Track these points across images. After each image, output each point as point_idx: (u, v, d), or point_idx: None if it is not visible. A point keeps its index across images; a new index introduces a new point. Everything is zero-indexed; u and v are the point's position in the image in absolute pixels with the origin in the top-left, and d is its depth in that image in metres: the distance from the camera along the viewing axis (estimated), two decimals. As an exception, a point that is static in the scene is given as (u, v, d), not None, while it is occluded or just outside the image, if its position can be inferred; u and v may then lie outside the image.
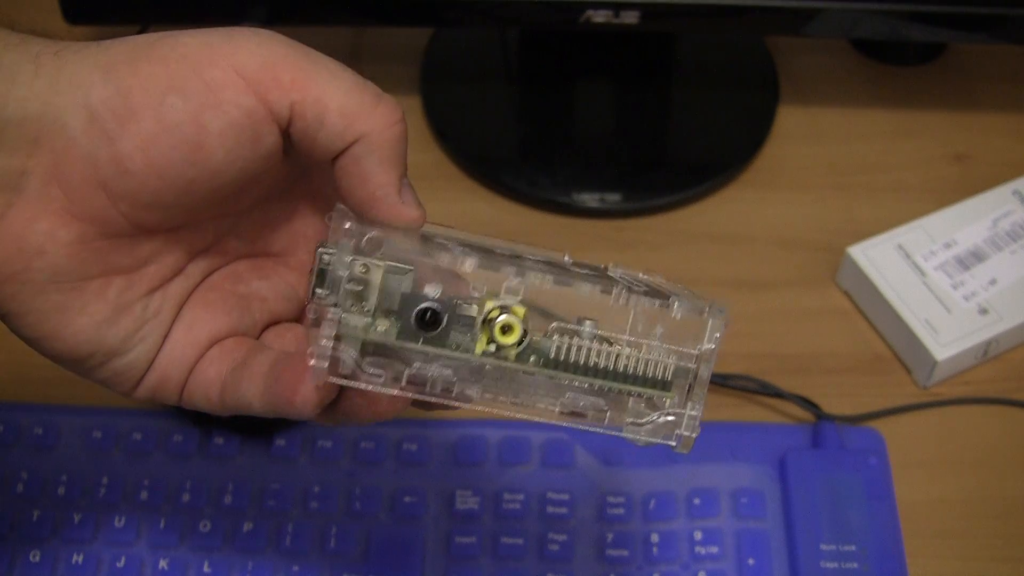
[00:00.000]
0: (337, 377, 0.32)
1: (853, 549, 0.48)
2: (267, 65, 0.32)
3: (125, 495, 0.49)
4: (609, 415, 0.33)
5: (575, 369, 0.33)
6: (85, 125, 0.32)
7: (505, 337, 0.32)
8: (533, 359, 0.33)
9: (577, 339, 0.33)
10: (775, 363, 0.56)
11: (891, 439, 0.52)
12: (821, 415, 0.53)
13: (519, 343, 0.33)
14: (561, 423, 0.33)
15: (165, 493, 0.49)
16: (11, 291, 0.33)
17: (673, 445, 0.33)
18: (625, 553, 0.48)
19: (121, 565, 0.47)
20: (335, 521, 0.49)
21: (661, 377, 0.33)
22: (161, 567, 0.48)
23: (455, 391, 0.33)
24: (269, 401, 0.34)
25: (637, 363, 0.33)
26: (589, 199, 0.63)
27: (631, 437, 0.34)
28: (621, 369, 0.33)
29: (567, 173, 0.64)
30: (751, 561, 0.48)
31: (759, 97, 0.68)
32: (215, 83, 0.32)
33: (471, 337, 0.33)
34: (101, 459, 0.50)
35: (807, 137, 0.66)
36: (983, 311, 0.56)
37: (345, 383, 0.32)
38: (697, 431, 0.33)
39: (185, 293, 0.37)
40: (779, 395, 0.54)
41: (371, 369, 0.32)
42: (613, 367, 0.33)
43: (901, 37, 0.60)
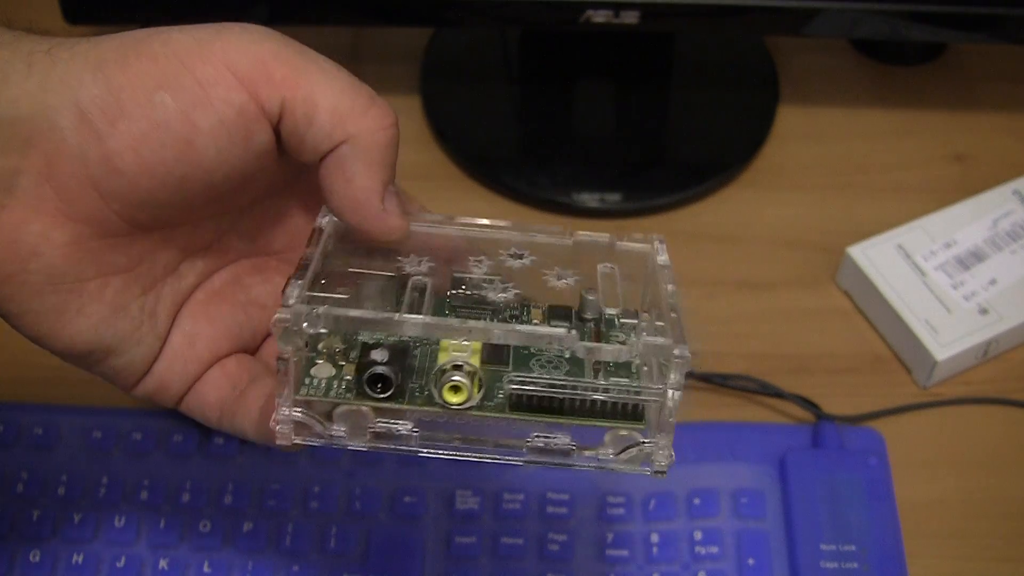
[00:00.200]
0: (303, 438, 0.33)
1: (853, 549, 0.48)
2: (259, 62, 0.32)
3: (125, 495, 0.49)
4: (577, 451, 0.33)
5: (542, 411, 0.33)
6: (75, 124, 0.31)
7: (454, 396, 0.32)
8: (497, 401, 0.33)
9: (544, 374, 0.33)
10: (775, 363, 0.56)
11: (891, 439, 0.52)
12: (821, 415, 0.53)
13: (465, 403, 0.32)
14: (533, 463, 0.33)
15: (165, 493, 0.49)
16: (8, 292, 0.32)
17: (648, 472, 0.33)
18: (625, 553, 0.48)
19: (121, 565, 0.47)
20: (335, 521, 0.49)
21: (632, 410, 0.33)
22: (161, 567, 0.48)
23: (418, 442, 0.33)
24: (262, 434, 0.35)
25: (606, 398, 0.32)
26: (589, 199, 0.63)
27: (607, 468, 0.33)
28: (588, 407, 0.33)
29: (567, 173, 0.64)
30: (751, 561, 0.48)
31: (759, 97, 0.68)
32: (206, 80, 0.31)
33: (432, 391, 0.32)
34: (101, 459, 0.50)
35: (807, 137, 0.66)
36: (983, 311, 0.56)
37: (311, 443, 0.33)
38: (672, 459, 0.33)
39: (184, 293, 0.37)
40: (779, 395, 0.54)
41: (335, 428, 0.33)
42: (579, 405, 0.32)
43: (901, 37, 0.60)
